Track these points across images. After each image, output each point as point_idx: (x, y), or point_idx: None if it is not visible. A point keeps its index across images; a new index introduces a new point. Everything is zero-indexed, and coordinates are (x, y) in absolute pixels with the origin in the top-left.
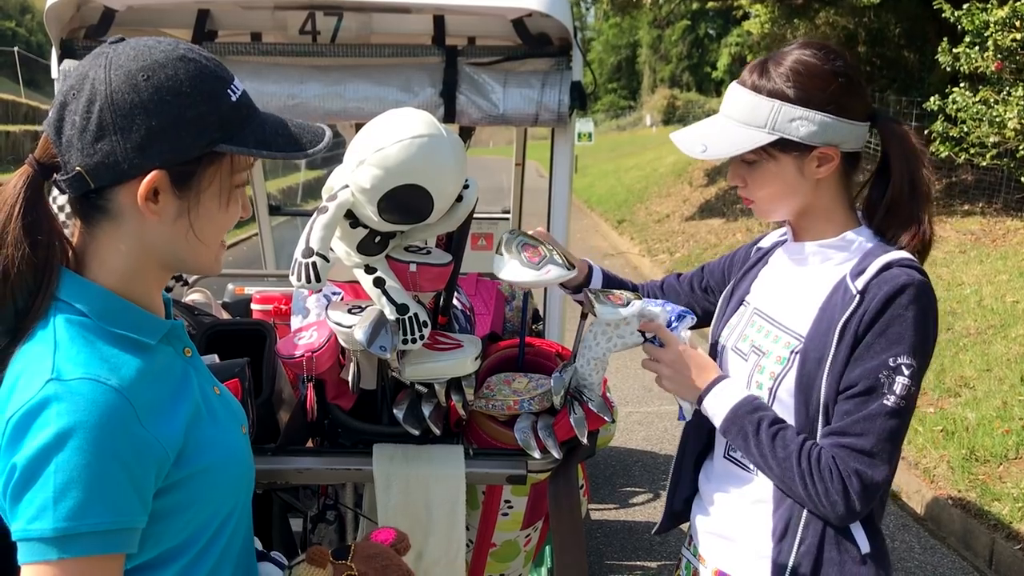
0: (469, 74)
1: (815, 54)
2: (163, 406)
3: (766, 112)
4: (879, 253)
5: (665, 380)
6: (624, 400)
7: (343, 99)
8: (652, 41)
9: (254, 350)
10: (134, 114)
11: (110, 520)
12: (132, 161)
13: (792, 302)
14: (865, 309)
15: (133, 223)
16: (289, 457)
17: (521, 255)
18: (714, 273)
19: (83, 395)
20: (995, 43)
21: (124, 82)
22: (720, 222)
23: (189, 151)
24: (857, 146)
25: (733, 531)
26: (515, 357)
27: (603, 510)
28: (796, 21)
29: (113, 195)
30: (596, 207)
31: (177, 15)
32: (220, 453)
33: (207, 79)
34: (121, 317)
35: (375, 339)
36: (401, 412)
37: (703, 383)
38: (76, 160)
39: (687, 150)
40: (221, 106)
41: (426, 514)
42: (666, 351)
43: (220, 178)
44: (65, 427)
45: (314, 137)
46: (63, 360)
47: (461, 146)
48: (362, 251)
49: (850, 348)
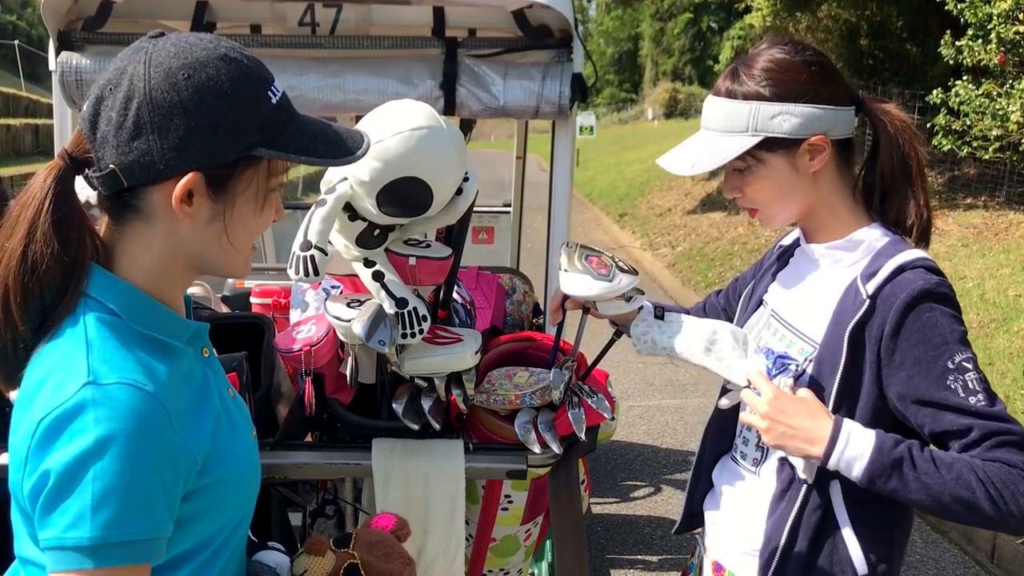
0: (469, 66)
1: (782, 49)
2: (191, 413)
3: (745, 115)
4: (891, 253)
5: (767, 436)
6: (625, 394)
7: (342, 91)
8: (654, 34)
9: (252, 344)
10: (173, 113)
11: (145, 530)
12: (168, 161)
13: (805, 306)
14: (883, 318)
15: (165, 223)
16: (288, 452)
17: (589, 267)
18: (745, 281)
19: (122, 401)
20: (998, 36)
21: (164, 80)
22: (722, 216)
23: (227, 154)
24: (846, 132)
25: (729, 525)
26: (516, 352)
27: (604, 504)
28: (798, 14)
29: (146, 194)
30: (598, 201)
31: (175, 7)
32: (237, 461)
33: (248, 80)
34: (150, 318)
35: (374, 333)
36: (400, 406)
37: (819, 438)
38: (110, 157)
39: (674, 169)
40: (261, 108)
41: (425, 509)
42: (765, 402)
43: (256, 182)
44: (105, 434)
45: (353, 142)
46: (98, 362)
47: (461, 138)
48: (361, 244)
49: (875, 356)
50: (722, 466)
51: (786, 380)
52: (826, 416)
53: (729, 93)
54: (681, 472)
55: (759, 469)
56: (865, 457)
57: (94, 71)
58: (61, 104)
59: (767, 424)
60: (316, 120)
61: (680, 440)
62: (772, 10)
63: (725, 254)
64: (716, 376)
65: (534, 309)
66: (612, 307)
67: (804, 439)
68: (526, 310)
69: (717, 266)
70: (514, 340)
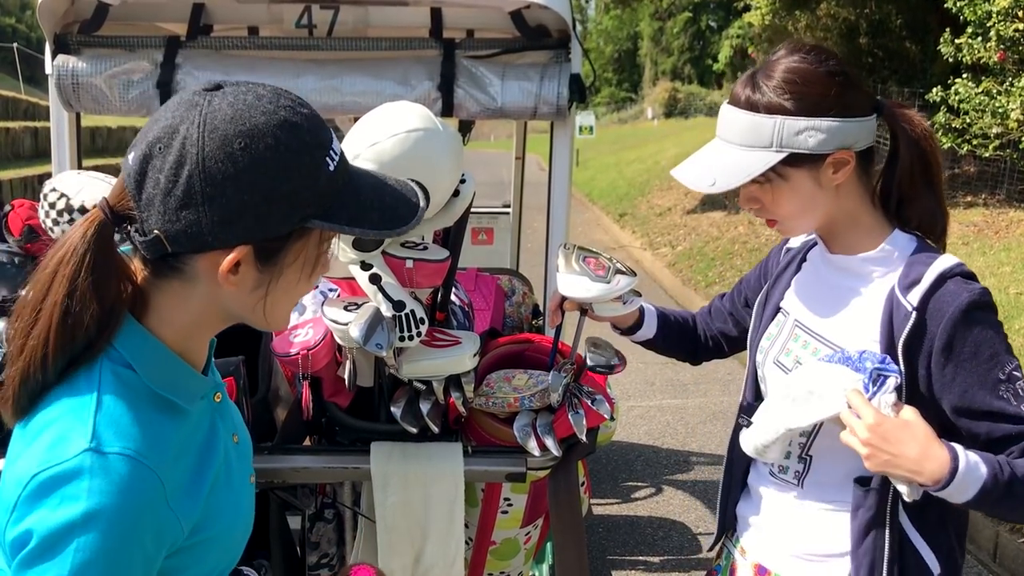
0: (467, 67)
1: (804, 58)
2: (191, 480)
3: (769, 130)
4: (926, 261)
5: (868, 462)
6: (626, 394)
7: (340, 93)
8: (653, 33)
9: (250, 348)
10: (226, 186)
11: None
12: (217, 234)
13: (839, 318)
14: (933, 331)
15: (206, 287)
16: (286, 456)
17: (587, 269)
18: (750, 283)
19: (120, 476)
20: (998, 33)
21: (219, 149)
22: (722, 215)
23: (280, 228)
24: (869, 142)
25: (773, 530)
26: (515, 354)
27: (605, 505)
28: (797, 13)
29: (190, 260)
30: (597, 200)
31: (172, 9)
32: (228, 519)
33: (307, 148)
34: (167, 378)
35: (371, 337)
36: (399, 410)
37: (928, 469)
38: (156, 223)
39: (695, 185)
40: (318, 179)
41: (425, 512)
42: (864, 425)
43: (307, 251)
44: (96, 507)
45: (408, 210)
46: (104, 426)
47: (457, 140)
48: (358, 247)
49: (926, 369)
50: (757, 472)
51: (887, 398)
52: (935, 443)
53: (750, 104)
54: (682, 472)
55: (802, 480)
56: (977, 485)
57: (91, 74)
58: (58, 107)
59: (868, 451)
60: (372, 179)
61: (681, 440)
62: (771, 8)
63: (725, 253)
64: (716, 377)
65: (534, 310)
66: (609, 309)
67: (909, 468)
68: (525, 311)
69: (717, 265)
70: (512, 342)
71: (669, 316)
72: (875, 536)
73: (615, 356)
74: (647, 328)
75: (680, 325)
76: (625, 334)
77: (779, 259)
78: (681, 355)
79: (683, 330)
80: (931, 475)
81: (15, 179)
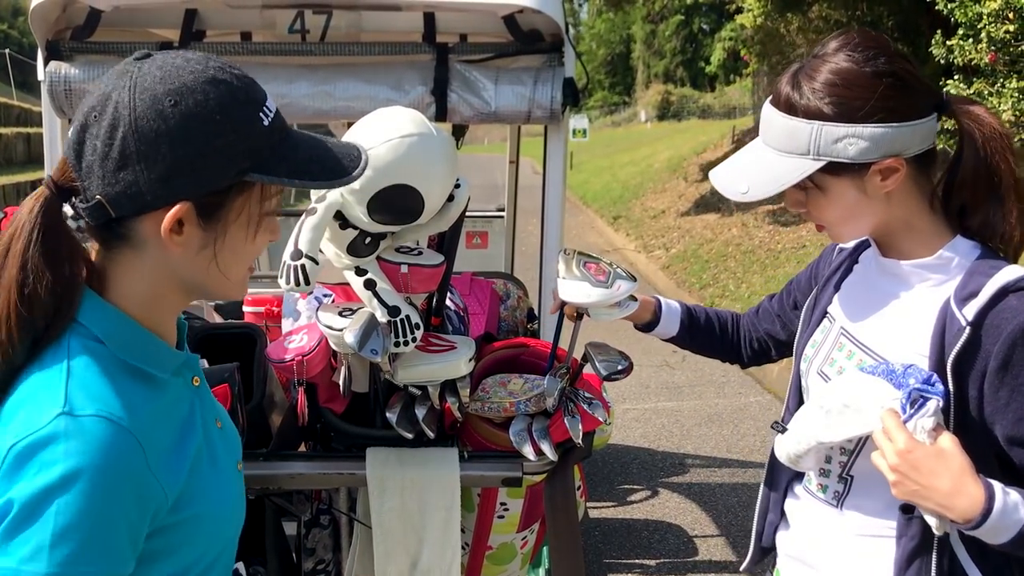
0: (460, 71)
1: (851, 56)
2: (170, 449)
3: (806, 136)
4: (987, 272)
5: (895, 489)
6: (621, 397)
7: (333, 98)
8: (646, 36)
9: (244, 354)
10: (159, 143)
11: (102, 569)
12: (156, 192)
13: (887, 328)
14: (988, 350)
15: (155, 252)
16: (281, 462)
17: (587, 274)
18: (800, 284)
19: (95, 435)
20: (988, 35)
21: (150, 107)
22: (716, 217)
23: (217, 182)
24: (925, 144)
25: (822, 564)
26: (510, 358)
27: (601, 508)
28: (789, 15)
29: (134, 224)
30: (591, 203)
31: (164, 15)
32: (214, 498)
33: (239, 103)
34: (137, 347)
35: (366, 342)
36: (394, 415)
37: (958, 506)
38: (96, 188)
39: (728, 192)
40: (252, 132)
41: (421, 517)
42: (894, 453)
43: (249, 207)
44: (73, 468)
45: (350, 160)
46: (76, 391)
47: (452, 145)
48: (352, 253)
49: (978, 391)
50: (796, 500)
51: (924, 422)
52: (971, 478)
53: (788, 107)
54: (678, 475)
55: (841, 502)
56: (1015, 530)
57: (83, 80)
58: (50, 114)
59: (896, 477)
60: (311, 137)
61: (676, 443)
62: (763, 11)
63: (719, 255)
64: (711, 379)
65: (529, 314)
66: (605, 313)
67: (939, 503)
68: (520, 315)
69: (711, 267)
70: (508, 347)
71: (700, 314)
72: (920, 566)
73: (622, 358)
74: (667, 325)
75: (715, 324)
76: (642, 330)
77: (831, 260)
78: (720, 356)
79: (719, 330)
80: (962, 513)
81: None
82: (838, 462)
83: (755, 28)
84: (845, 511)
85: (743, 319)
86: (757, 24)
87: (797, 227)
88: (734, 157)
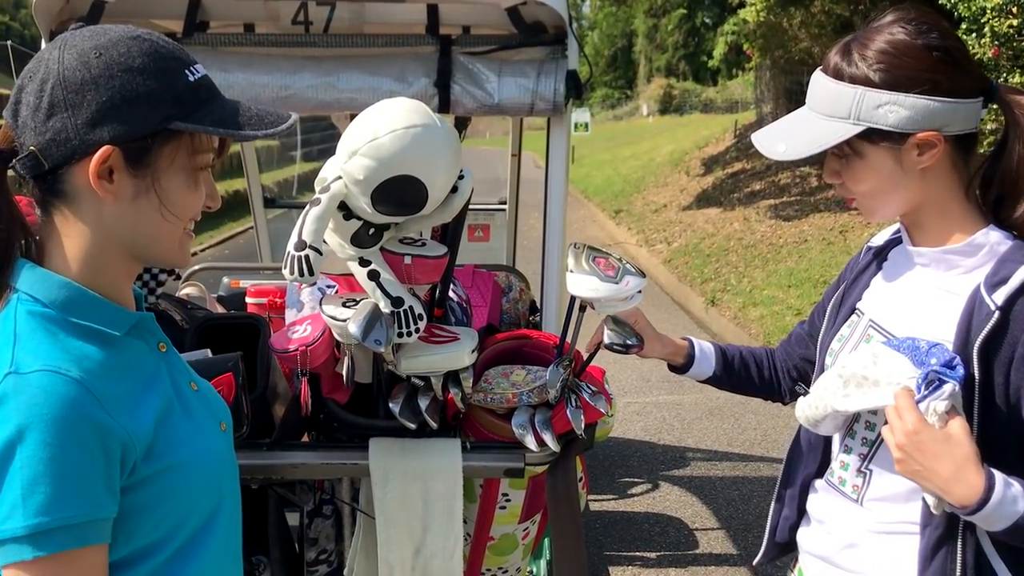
0: (463, 63)
1: (904, 28)
2: (130, 398)
3: (848, 100)
4: (1019, 259)
5: (898, 466)
6: (622, 390)
7: (336, 89)
8: (648, 30)
9: (248, 344)
10: (84, 90)
11: (82, 512)
12: (83, 137)
13: (915, 317)
14: (1016, 336)
15: (91, 205)
16: (285, 452)
17: (596, 269)
18: (829, 296)
19: (41, 387)
20: (992, 29)
21: (76, 59)
22: (717, 211)
23: (142, 127)
24: (967, 127)
25: (845, 561)
26: (512, 349)
27: (602, 501)
28: (792, 9)
29: (68, 176)
30: (593, 197)
31: (168, 5)
32: (194, 450)
33: (161, 57)
34: (84, 308)
35: (369, 333)
36: (397, 406)
37: (956, 491)
38: (30, 140)
39: (766, 151)
40: (176, 83)
41: (423, 508)
42: (902, 432)
43: (179, 157)
44: (24, 421)
45: (276, 119)
46: (22, 352)
47: (455, 136)
48: (356, 243)
49: (1004, 377)
50: (816, 494)
51: (937, 405)
52: (973, 467)
53: (836, 72)
54: (679, 468)
55: (861, 496)
56: (1010, 520)
57: None
58: None
59: (900, 455)
60: (241, 102)
61: (677, 436)
62: (766, 5)
63: (720, 250)
64: None
65: (531, 307)
66: (610, 307)
67: (938, 486)
68: (522, 308)
69: (713, 262)
70: (510, 338)
71: (735, 354)
72: (945, 556)
73: (633, 336)
74: (701, 365)
75: (750, 363)
76: (677, 371)
77: (858, 260)
78: (760, 394)
79: (755, 368)
80: (959, 499)
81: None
82: (858, 454)
83: (758, 22)
84: (866, 504)
85: (777, 352)
86: (760, 18)
87: (799, 221)
88: (782, 120)
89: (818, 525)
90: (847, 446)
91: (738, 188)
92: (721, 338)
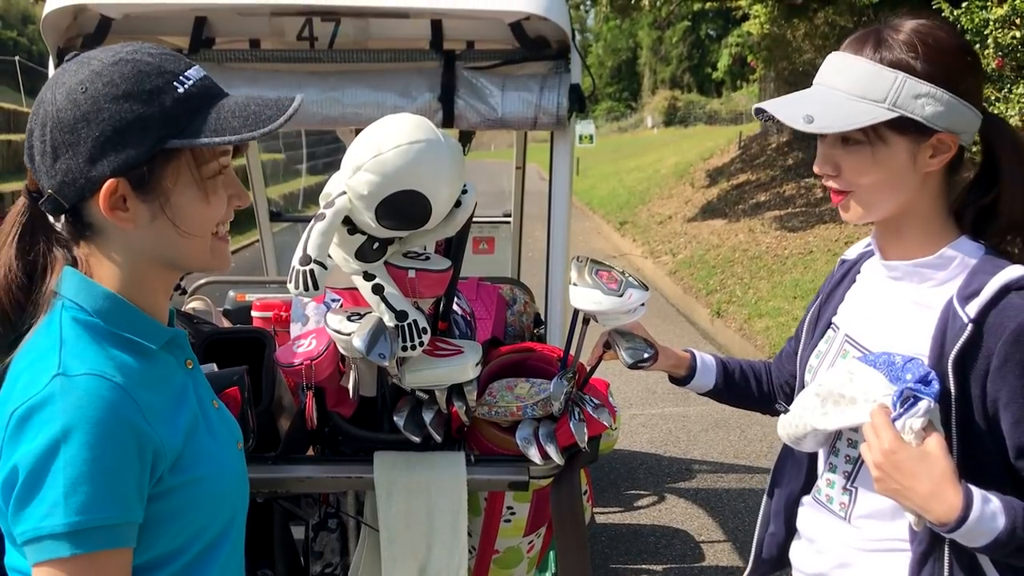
0: (467, 78)
1: (938, 26)
2: (165, 410)
3: (887, 85)
4: (991, 270)
5: (877, 485)
6: (628, 403)
7: (341, 104)
8: (652, 43)
9: (253, 358)
10: (78, 128)
11: (118, 514)
12: (87, 175)
13: (890, 331)
14: (990, 348)
15: (117, 234)
16: (290, 465)
17: (599, 282)
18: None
19: (88, 390)
20: (995, 41)
21: (65, 99)
22: (722, 223)
23: (138, 154)
24: (968, 140)
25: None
26: (516, 362)
27: (608, 513)
28: (796, 21)
29: (88, 211)
30: (598, 209)
31: (174, 23)
32: (215, 466)
33: (146, 76)
34: (125, 320)
35: (374, 346)
36: (402, 419)
37: (935, 509)
38: (46, 183)
39: (787, 120)
40: (164, 102)
41: (428, 521)
42: (879, 451)
43: (183, 172)
44: (71, 422)
45: (274, 111)
46: (69, 356)
47: (459, 150)
48: (360, 258)
49: (981, 390)
50: (805, 511)
51: (913, 422)
52: (950, 485)
53: (874, 54)
54: (685, 480)
55: (848, 514)
56: (990, 537)
57: None
58: None
59: (879, 474)
60: (241, 97)
61: (683, 448)
62: (769, 17)
63: (726, 261)
64: None
65: (535, 319)
66: (613, 321)
67: (917, 504)
68: (527, 320)
69: (718, 273)
70: (514, 351)
71: (735, 367)
72: (934, 566)
73: (648, 346)
74: (703, 377)
75: (750, 376)
76: (678, 383)
77: (834, 274)
78: (758, 408)
79: (755, 382)
80: (938, 517)
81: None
82: (842, 472)
83: (762, 34)
84: (855, 522)
85: (773, 366)
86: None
87: (804, 232)
88: (793, 95)
89: (808, 544)
90: (831, 464)
91: (743, 199)
92: (727, 349)
